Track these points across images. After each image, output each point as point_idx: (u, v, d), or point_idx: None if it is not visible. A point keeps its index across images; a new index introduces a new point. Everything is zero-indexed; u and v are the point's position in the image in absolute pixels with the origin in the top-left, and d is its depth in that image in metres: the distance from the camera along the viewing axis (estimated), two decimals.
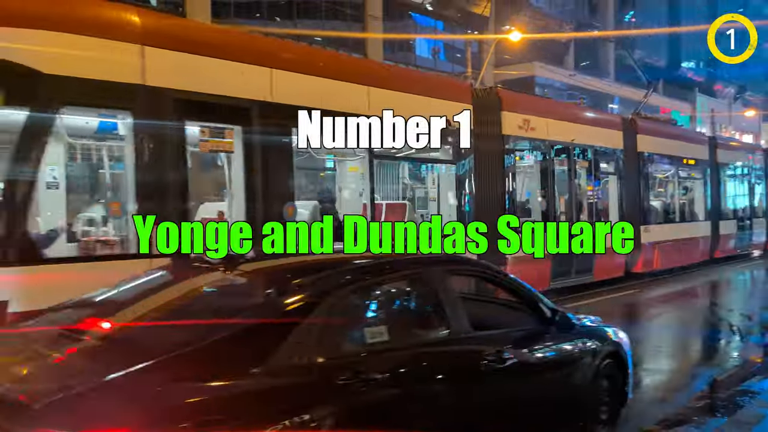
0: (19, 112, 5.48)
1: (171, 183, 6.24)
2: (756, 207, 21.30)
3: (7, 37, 5.40)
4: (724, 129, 57.01)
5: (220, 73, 6.70)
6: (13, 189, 5.39)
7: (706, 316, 11.35)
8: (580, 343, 4.60)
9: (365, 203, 8.58)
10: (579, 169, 12.99)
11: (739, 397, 5.92)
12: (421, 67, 34.54)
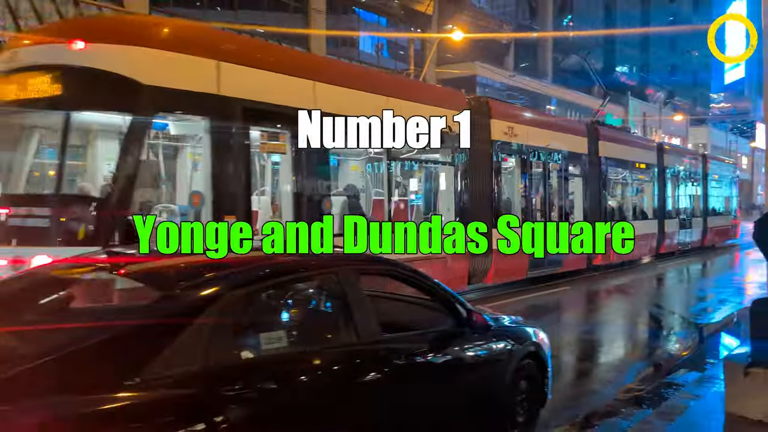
0: (123, 116, 6.58)
1: (238, 178, 7.23)
2: (694, 207, 23.14)
3: (114, 53, 6.52)
4: (654, 132, 59.23)
5: (275, 84, 7.80)
6: (119, 180, 6.44)
7: (640, 311, 11.78)
8: (496, 344, 4.43)
9: (383, 199, 9.81)
10: (552, 171, 14.36)
11: (665, 390, 6.16)
12: (364, 62, 34.52)
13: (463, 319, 4.21)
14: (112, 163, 6.91)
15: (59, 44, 6.56)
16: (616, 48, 63.00)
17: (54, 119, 6.93)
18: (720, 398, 5.21)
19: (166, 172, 8.24)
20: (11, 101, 6.74)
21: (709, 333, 9.42)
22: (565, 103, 50.71)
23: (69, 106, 6.68)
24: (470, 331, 4.24)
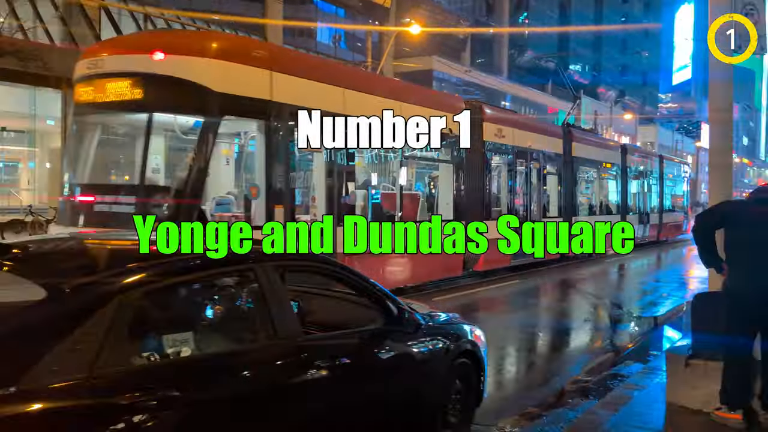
0: (200, 119, 7.77)
1: (286, 173, 8.50)
2: (651, 204, 25.07)
3: (190, 63, 7.68)
4: (605, 130, 60.57)
5: (314, 91, 9.02)
6: (192, 172, 7.55)
7: (590, 304, 12.07)
8: (429, 343, 4.22)
9: (395, 192, 11.37)
10: (533, 170, 15.85)
11: (610, 381, 6.35)
12: (321, 53, 34.29)
13: (394, 317, 3.99)
14: (184, 157, 8.11)
15: (142, 55, 7.74)
16: (570, 47, 64.14)
17: (135, 119, 8.26)
18: (662, 389, 5.40)
19: (229, 166, 9.59)
20: (97, 103, 7.93)
21: (654, 326, 9.74)
22: (520, 100, 51.41)
23: (150, 109, 7.82)
24: (401, 329, 4.02)
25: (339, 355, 3.55)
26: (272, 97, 8.26)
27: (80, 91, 8.21)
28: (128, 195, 7.92)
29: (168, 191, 7.85)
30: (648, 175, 25.06)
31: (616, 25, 74.38)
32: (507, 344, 8.44)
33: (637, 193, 23.58)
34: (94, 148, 8.61)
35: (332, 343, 3.69)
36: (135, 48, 8.16)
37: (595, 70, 71.64)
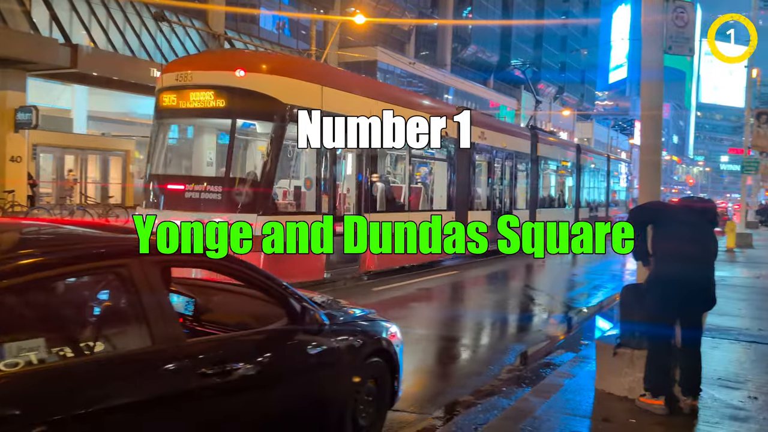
0: (270, 124, 9.80)
1: (332, 168, 10.61)
2: (600, 198, 28.29)
3: (265, 80, 9.65)
4: (544, 125, 61.95)
5: (351, 101, 11.05)
6: (266, 167, 9.60)
7: (528, 295, 12.35)
8: (337, 343, 3.90)
9: (402, 186, 13.60)
10: (507, 168, 18.05)
11: (543, 369, 6.53)
12: (265, 40, 33.75)
13: (297, 316, 3.69)
14: (258, 155, 10.46)
15: (226, 72, 9.63)
16: (511, 43, 65.15)
17: (217, 123, 10.44)
18: (591, 376, 5.59)
19: (290, 162, 11.11)
20: (184, 109, 9.88)
21: (586, 316, 10.07)
22: (463, 94, 51.96)
23: (231, 115, 9.76)
24: (303, 329, 3.72)
25: (229, 360, 3.17)
26: (322, 106, 10.10)
27: (167, 99, 10.07)
28: (215, 185, 9.67)
29: (246, 182, 9.70)
30: (597, 173, 27.88)
31: (557, 20, 76.12)
32: (445, 334, 8.57)
33: (588, 188, 26.26)
34: (178, 146, 11.10)
35: (222, 346, 3.35)
36: (219, 66, 10.00)
37: (535, 67, 73.09)
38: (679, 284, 4.85)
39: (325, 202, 10.41)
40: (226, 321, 3.84)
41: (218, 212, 9.22)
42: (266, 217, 9.28)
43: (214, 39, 30.13)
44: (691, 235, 4.96)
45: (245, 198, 9.46)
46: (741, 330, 8.03)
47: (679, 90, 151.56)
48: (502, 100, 59.33)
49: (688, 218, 5.05)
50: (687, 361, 5.00)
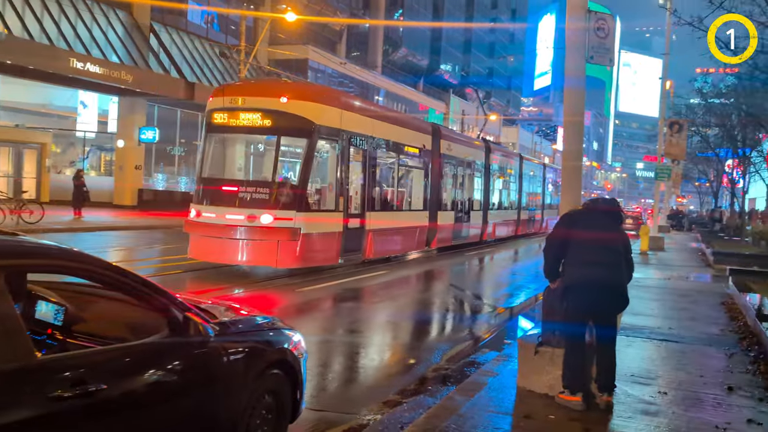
0: (306, 139, 12.19)
1: (348, 174, 13.40)
2: (537, 201, 31.84)
3: (302, 105, 12.19)
4: (471, 129, 63.10)
5: (360, 121, 13.97)
6: (305, 176, 12.16)
7: (452, 295, 12.55)
8: (227, 355, 3.51)
9: (392, 190, 16.40)
10: (467, 175, 21.48)
11: (468, 368, 6.66)
12: (193, 33, 32.94)
13: (179, 327, 3.29)
14: (296, 164, 12.87)
15: (272, 98, 12.19)
16: (441, 47, 66.12)
17: (263, 139, 13.12)
18: (514, 374, 5.74)
19: (318, 169, 13.08)
20: (238, 126, 12.44)
21: (509, 316, 10.34)
22: (393, 96, 52.32)
23: (275, 132, 12.30)
24: (185, 341, 3.31)
25: (92, 380, 2.75)
26: (341, 126, 13.02)
27: (220, 117, 12.50)
28: (262, 187, 12.07)
29: (286, 185, 12.30)
30: (535, 179, 31.28)
31: (486, 23, 77.75)
32: (372, 334, 8.60)
33: (528, 192, 29.74)
34: (230, 155, 13.50)
35: (85, 364, 2.85)
36: (266, 93, 12.57)
37: (464, 72, 74.49)
38: (593, 288, 5.09)
39: (341, 202, 13.09)
40: (101, 332, 3.40)
41: (265, 209, 11.58)
42: (302, 213, 11.87)
43: (138, 30, 29.15)
44: (600, 240, 5.19)
45: (286, 198, 11.88)
46: (653, 329, 8.43)
47: (599, 98, 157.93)
48: (432, 103, 60.13)
49: (597, 222, 5.28)
50: (603, 360, 5.21)
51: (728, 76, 29.47)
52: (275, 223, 11.50)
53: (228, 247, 11.75)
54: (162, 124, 30.13)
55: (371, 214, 14.24)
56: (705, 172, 45.21)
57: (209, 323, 3.49)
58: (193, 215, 12.20)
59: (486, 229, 22.96)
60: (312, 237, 12.07)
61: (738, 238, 26.87)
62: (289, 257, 11.68)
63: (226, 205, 11.81)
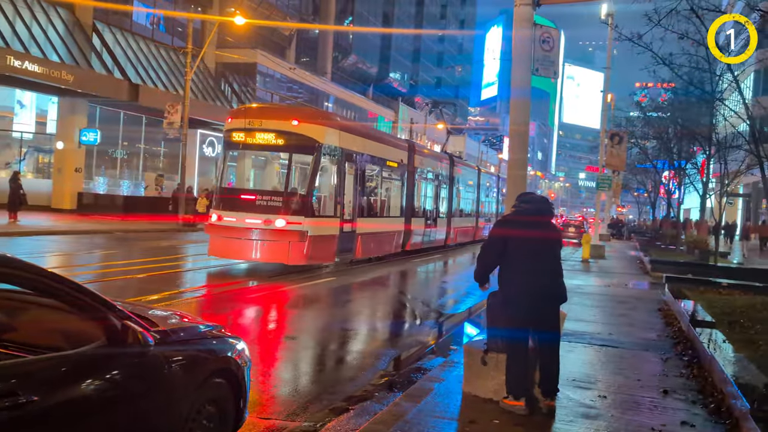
0: (312, 156, 14.17)
1: (344, 184, 15.42)
2: (491, 210, 34.87)
3: (309, 127, 14.26)
4: (419, 137, 63.60)
5: (352, 139, 16.00)
6: (310, 188, 14.16)
7: (399, 302, 12.59)
8: (167, 363, 3.44)
9: (377, 199, 18.66)
10: (434, 186, 23.69)
11: (414, 374, 6.71)
12: (138, 34, 32.21)
13: (117, 336, 3.18)
14: (304, 176, 14.65)
15: (285, 121, 14.23)
16: (391, 56, 66.56)
17: (276, 155, 15.43)
18: (460, 380, 5.81)
19: (320, 181, 14.78)
20: (255, 144, 14.56)
21: (456, 322, 10.45)
22: (343, 103, 52.32)
23: (287, 150, 14.47)
24: (123, 351, 3.21)
25: (23, 391, 2.62)
26: (340, 145, 15.05)
27: (238, 136, 14.51)
28: (276, 196, 14.18)
29: (296, 194, 14.26)
30: (490, 189, 33.54)
31: (435, 30, 78.65)
32: (319, 341, 8.56)
33: (485, 201, 32.39)
34: (249, 168, 15.95)
35: (13, 374, 2.72)
36: (280, 117, 14.65)
37: (413, 81, 75.18)
38: (536, 296, 5.19)
39: (338, 209, 15.09)
40: (34, 341, 3.26)
41: (279, 215, 13.53)
42: (309, 219, 13.89)
43: (80, 29, 28.32)
44: (539, 245, 5.30)
45: (296, 205, 13.86)
46: (594, 334, 8.67)
47: (544, 110, 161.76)
48: (381, 111, 60.40)
49: (535, 227, 5.33)
50: (546, 365, 5.32)
51: (665, 91, 30.66)
52: (288, 227, 13.48)
53: (246, 246, 13.69)
54: (104, 126, 29.30)
55: (360, 220, 16.37)
56: (643, 183, 46.77)
57: (149, 331, 3.38)
58: (215, 219, 14.05)
59: (450, 234, 25.33)
60: (316, 239, 13.99)
61: (674, 246, 27.89)
62: (298, 256, 13.67)
63: (245, 211, 13.75)
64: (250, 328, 8.94)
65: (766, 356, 6.99)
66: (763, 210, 39.53)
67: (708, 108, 19.01)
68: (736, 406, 5.21)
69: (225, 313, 9.57)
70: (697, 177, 26.72)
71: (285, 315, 10.35)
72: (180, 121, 25.89)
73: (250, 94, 39.55)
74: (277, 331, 9.04)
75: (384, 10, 63.01)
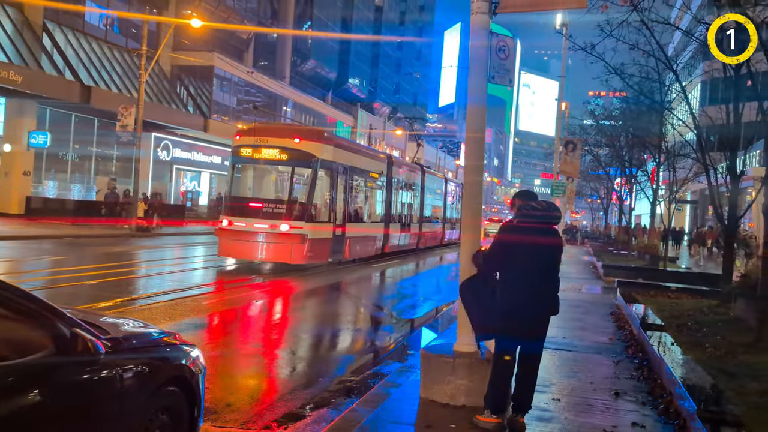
0: (310, 169, 16.45)
1: (338, 193, 17.90)
2: (457, 216, 35.19)
3: (309, 144, 16.57)
4: (378, 143, 63.76)
5: (344, 155, 18.40)
6: (310, 197, 16.33)
7: (357, 308, 12.57)
8: (118, 372, 3.36)
9: (362, 206, 20.97)
10: (409, 194, 26.28)
11: (372, 380, 6.70)
12: (90, 35, 31.48)
13: (66, 344, 3.07)
14: (303, 186, 16.66)
15: (288, 138, 16.43)
16: (350, 61, 66.57)
17: (280, 168, 17.30)
18: (417, 385, 5.83)
19: (317, 190, 16.69)
20: (264, 159, 16.66)
21: (413, 327, 10.48)
22: (301, 107, 52.07)
23: (290, 164, 16.50)
24: (74, 360, 3.11)
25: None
26: (334, 160, 17.33)
27: (246, 151, 16.67)
28: (280, 204, 16.36)
29: (297, 202, 16.31)
30: (455, 195, 35.63)
31: (394, 37, 79.11)
32: (277, 348, 8.48)
33: (451, 208, 34.72)
34: (256, 179, 18.04)
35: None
36: (284, 135, 16.82)
37: (371, 86, 75.35)
38: (533, 311, 4.97)
39: (331, 215, 17.34)
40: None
41: (282, 220, 15.61)
42: (309, 224, 15.96)
43: (29, 29, 27.53)
44: (544, 252, 5.04)
45: (297, 212, 15.96)
46: (549, 338, 8.67)
47: (500, 117, 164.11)
48: (340, 116, 60.32)
49: (540, 236, 5.03)
50: (528, 379, 5.10)
51: (617, 100, 31.45)
52: (290, 231, 15.52)
53: (254, 248, 15.76)
54: (55, 129, 28.52)
55: (349, 225, 18.46)
56: (596, 189, 47.85)
57: (100, 339, 3.29)
58: (226, 224, 16.07)
59: (421, 239, 27.68)
60: (314, 241, 16.05)
61: (626, 252, 28.59)
62: (299, 256, 15.66)
63: (253, 217, 15.82)
64: (199, 338, 8.81)
65: (712, 358, 7.23)
66: (710, 216, 40.88)
67: (658, 117, 19.59)
68: (683, 407, 5.36)
69: (204, 314, 9.41)
70: (647, 184, 27.46)
71: (249, 322, 10.22)
72: (134, 124, 25.39)
73: (207, 98, 39.05)
74: (232, 335, 8.91)
75: (343, 15, 63.05)
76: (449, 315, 10.96)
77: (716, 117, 13.19)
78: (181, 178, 40.04)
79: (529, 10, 5.92)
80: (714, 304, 11.33)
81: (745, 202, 14.77)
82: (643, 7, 10.48)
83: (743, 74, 11.32)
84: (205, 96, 39.12)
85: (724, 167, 12.89)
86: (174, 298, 10.95)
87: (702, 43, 13.16)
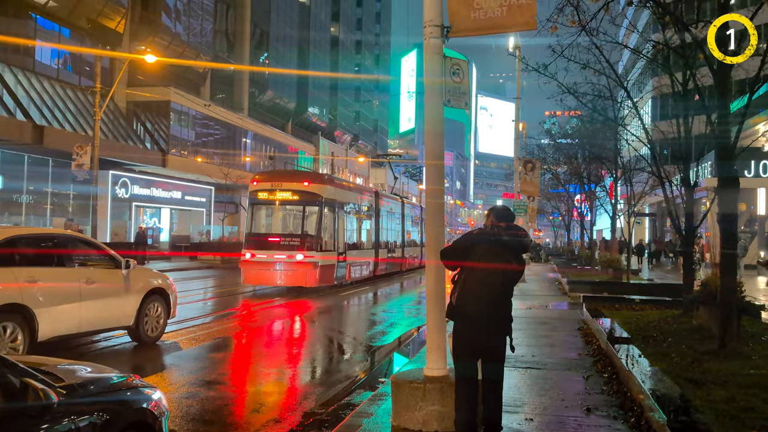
0: (317, 207, 20.14)
1: (340, 225, 21.73)
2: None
3: (316, 187, 20.42)
4: (340, 171, 63.82)
5: (338, 192, 21.77)
6: (319, 230, 19.98)
7: (328, 337, 12.40)
8: (73, 421, 3.24)
9: (358, 236, 24.73)
10: (392, 223, 29.55)
11: (343, 411, 6.58)
12: (41, 74, 31.00)
13: (14, 394, 2.99)
14: (313, 222, 19.96)
15: (300, 183, 20.52)
16: (308, 90, 66.75)
17: (293, 207, 20.53)
18: (388, 413, 5.74)
19: (324, 225, 20.09)
20: (279, 200, 20.27)
21: (384, 354, 10.38)
22: (261, 138, 51.91)
23: (301, 204, 20.10)
24: (23, 409, 3.01)
25: None
26: (334, 198, 20.80)
27: (262, 194, 20.17)
28: (295, 238, 19.50)
29: (308, 235, 19.49)
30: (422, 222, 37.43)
31: (350, 74, 79.48)
32: (247, 380, 8.28)
33: (423, 232, 34.97)
34: (273, 218, 20.67)
35: None
36: (296, 180, 20.80)
37: (332, 115, 75.63)
38: (482, 325, 4.88)
39: (335, 245, 20.72)
40: None
41: (298, 251, 18.90)
42: (319, 253, 19.31)
43: None
44: (499, 272, 4.92)
45: (309, 244, 19.22)
46: (518, 357, 8.81)
47: (460, 140, 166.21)
48: (301, 145, 60.29)
49: (492, 252, 4.94)
50: (492, 398, 5.04)
51: (572, 119, 32.16)
52: (305, 260, 18.90)
53: (274, 275, 19.06)
54: (7, 170, 27.86)
55: (350, 252, 22.13)
56: (557, 207, 48.61)
57: (54, 388, 3.19)
58: (249, 256, 19.23)
59: (403, 262, 30.80)
60: (324, 267, 19.50)
61: (589, 267, 28.98)
62: (312, 280, 19.01)
63: (273, 249, 19.11)
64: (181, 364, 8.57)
65: (679, 368, 7.31)
66: (668, 227, 41.82)
67: (612, 133, 20.04)
68: (654, 419, 5.38)
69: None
70: (606, 199, 27.99)
71: (209, 352, 9.98)
72: (90, 163, 24.95)
73: (164, 133, 38.67)
74: (201, 368, 8.69)
75: (300, 45, 63.39)
76: (420, 339, 10.87)
77: (668, 131, 13.54)
78: (140, 215, 39.38)
79: (481, 33, 5.99)
80: (677, 314, 11.52)
81: (701, 212, 15.13)
82: (591, 27, 10.76)
83: (690, 89, 11.68)
84: (163, 131, 38.73)
85: (678, 179, 13.21)
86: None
87: (650, 60, 13.56)
